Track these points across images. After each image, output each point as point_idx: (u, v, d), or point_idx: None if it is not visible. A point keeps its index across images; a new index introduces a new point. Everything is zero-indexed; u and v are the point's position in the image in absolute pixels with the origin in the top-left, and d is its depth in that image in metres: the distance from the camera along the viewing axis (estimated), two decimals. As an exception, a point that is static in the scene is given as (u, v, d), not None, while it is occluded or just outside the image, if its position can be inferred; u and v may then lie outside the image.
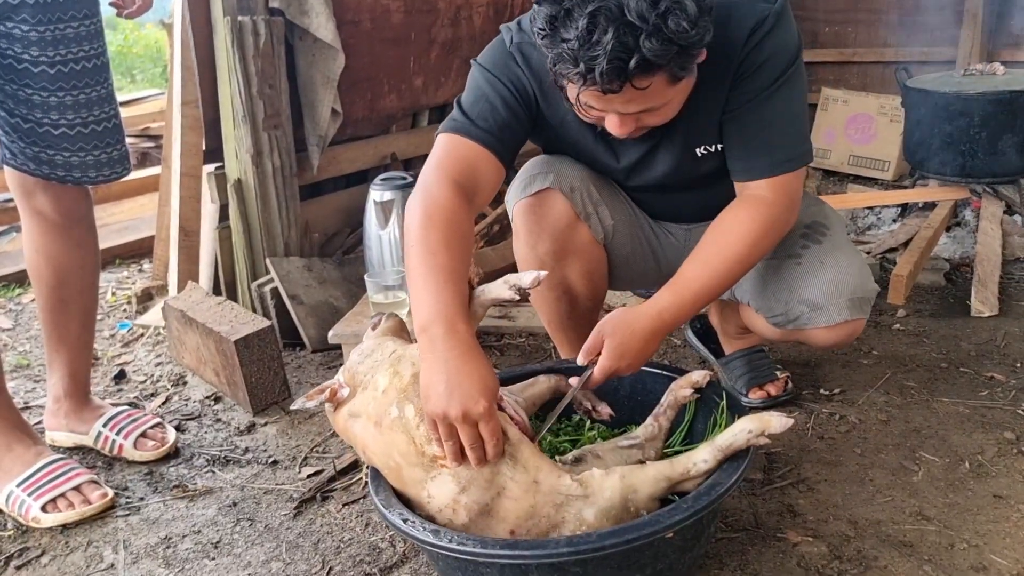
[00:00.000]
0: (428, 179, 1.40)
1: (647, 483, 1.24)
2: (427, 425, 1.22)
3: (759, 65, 1.41)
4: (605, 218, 1.65)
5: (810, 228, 1.64)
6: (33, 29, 1.55)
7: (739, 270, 1.46)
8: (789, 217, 1.50)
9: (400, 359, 1.30)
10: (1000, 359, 2.05)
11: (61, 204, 1.74)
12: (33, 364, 2.43)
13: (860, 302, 1.58)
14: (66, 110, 1.62)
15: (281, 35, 2.36)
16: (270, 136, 2.36)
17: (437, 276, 1.27)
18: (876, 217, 3.17)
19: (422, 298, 1.27)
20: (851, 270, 1.58)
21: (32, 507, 1.63)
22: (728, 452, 1.24)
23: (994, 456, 1.65)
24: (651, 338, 1.41)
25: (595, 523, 1.21)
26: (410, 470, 1.25)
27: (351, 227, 2.74)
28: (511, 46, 1.50)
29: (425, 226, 1.33)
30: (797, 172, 1.48)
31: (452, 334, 1.22)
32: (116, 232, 3.48)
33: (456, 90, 3.08)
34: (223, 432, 1.97)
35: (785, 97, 1.44)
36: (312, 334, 2.34)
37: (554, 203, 1.60)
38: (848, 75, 4.33)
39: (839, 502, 1.54)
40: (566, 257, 1.65)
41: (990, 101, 2.75)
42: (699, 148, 1.54)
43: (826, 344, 1.63)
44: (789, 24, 1.43)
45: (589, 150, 1.59)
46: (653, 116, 1.35)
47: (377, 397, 1.28)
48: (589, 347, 1.39)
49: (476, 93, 1.49)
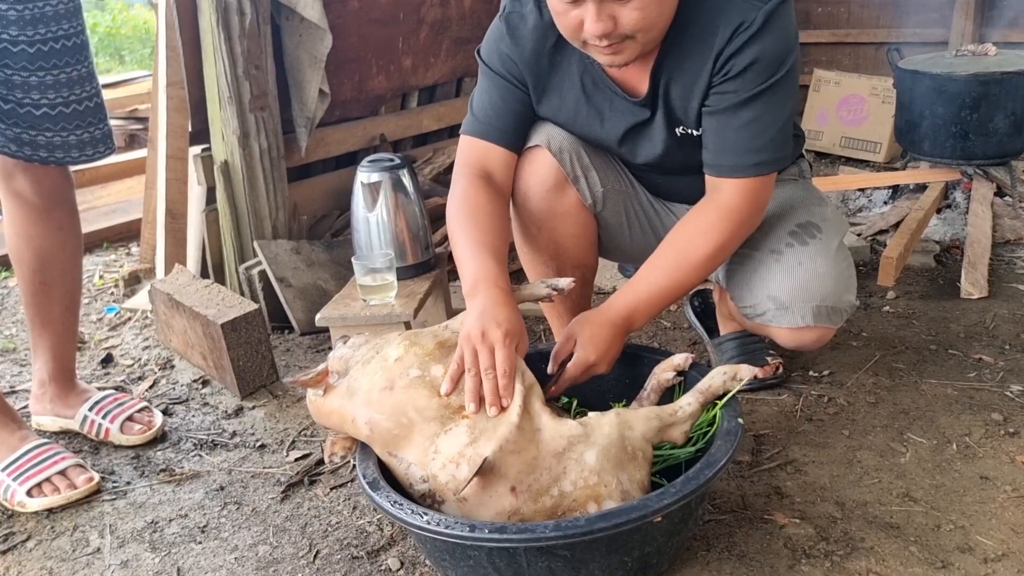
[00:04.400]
0: (455, 181, 1.56)
1: (640, 419, 1.30)
2: (457, 353, 1.31)
3: (743, 68, 1.40)
4: (594, 184, 1.65)
5: (801, 227, 1.61)
6: (11, 8, 1.52)
7: (700, 276, 1.51)
8: (753, 223, 1.53)
9: (417, 335, 1.38)
10: (989, 341, 2.06)
11: (42, 186, 1.72)
12: (19, 348, 2.41)
13: (828, 312, 1.57)
14: (47, 89, 1.59)
15: (267, 15, 2.33)
16: (257, 117, 2.34)
17: (474, 247, 1.44)
18: (867, 199, 3.16)
19: (466, 269, 1.43)
20: (827, 278, 1.55)
21: (17, 492, 1.62)
22: (707, 394, 1.35)
23: (981, 438, 1.65)
24: (616, 331, 1.47)
25: (596, 465, 1.22)
26: (425, 424, 1.27)
27: (340, 209, 2.72)
28: (501, 18, 1.56)
29: (457, 215, 1.50)
30: (767, 178, 1.48)
31: (494, 288, 1.37)
32: (103, 215, 3.45)
33: (445, 71, 3.08)
34: (210, 416, 1.96)
35: (767, 102, 1.43)
36: (300, 317, 2.32)
37: (542, 162, 1.61)
38: (840, 56, 4.31)
39: (826, 484, 1.54)
40: (554, 218, 1.66)
41: (981, 82, 2.74)
42: (678, 128, 1.54)
43: (790, 345, 1.64)
44: (782, 27, 1.40)
45: (583, 120, 1.59)
46: (628, 10, 1.32)
47: (387, 366, 1.32)
48: (559, 350, 1.47)
49: (480, 87, 1.61)
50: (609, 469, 1.23)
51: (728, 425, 1.31)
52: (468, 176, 1.55)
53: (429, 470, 1.25)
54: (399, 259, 2.05)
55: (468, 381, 1.29)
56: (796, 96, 1.50)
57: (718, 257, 1.51)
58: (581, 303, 1.82)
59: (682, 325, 2.25)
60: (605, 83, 1.53)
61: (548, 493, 1.22)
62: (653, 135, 1.56)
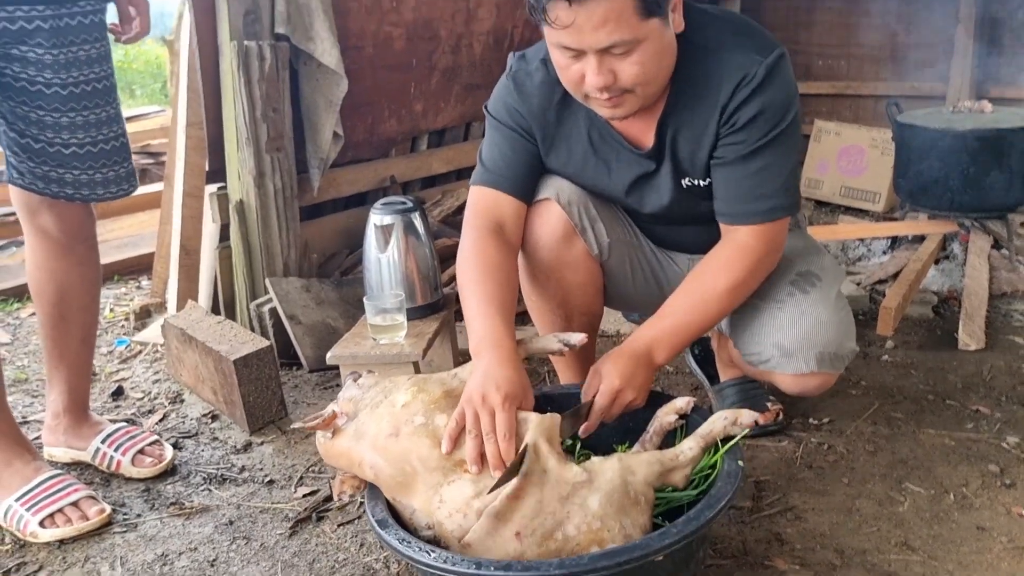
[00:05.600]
0: (465, 233, 1.60)
1: (642, 464, 1.32)
2: (456, 411, 1.33)
3: (749, 120, 1.46)
4: (601, 234, 1.70)
5: (801, 276, 1.66)
6: (47, 52, 1.59)
7: (720, 311, 1.54)
8: (771, 262, 1.57)
9: (426, 380, 1.42)
10: (986, 392, 2.09)
11: (65, 222, 1.77)
12: (31, 379, 2.45)
13: (832, 358, 1.61)
14: (76, 130, 1.66)
15: (286, 60, 2.41)
16: (272, 158, 2.40)
17: (482, 305, 1.47)
18: (867, 248, 3.22)
19: (473, 326, 1.46)
20: (829, 325, 1.61)
21: (30, 522, 1.65)
22: (708, 439, 1.37)
23: (978, 488, 1.68)
24: (639, 360, 1.49)
25: (599, 510, 1.24)
26: (428, 474, 1.29)
27: (349, 248, 2.78)
28: (508, 76, 1.62)
29: (468, 269, 1.54)
30: (780, 222, 1.54)
31: (498, 347, 1.40)
32: (115, 248, 3.50)
33: (455, 115, 3.16)
34: (220, 450, 1.99)
35: (774, 151, 1.49)
36: (309, 354, 2.36)
37: (552, 213, 1.66)
38: (841, 107, 4.41)
39: (826, 531, 1.57)
40: (562, 267, 1.70)
41: (978, 138, 2.80)
42: (685, 180, 1.59)
43: (793, 391, 1.68)
44: (782, 79, 1.46)
45: (591, 171, 1.64)
46: (628, 64, 1.37)
47: (395, 412, 1.35)
48: (587, 388, 1.49)
49: (489, 140, 1.66)
50: (612, 514, 1.25)
51: (729, 468, 1.34)
52: (479, 228, 1.58)
53: (434, 518, 1.28)
54: (409, 300, 2.09)
55: (469, 442, 1.30)
56: (799, 144, 1.57)
57: (736, 293, 1.54)
58: (587, 348, 1.86)
59: (684, 371, 2.29)
60: (612, 136, 1.59)
61: (552, 537, 1.24)
62: (659, 186, 1.62)
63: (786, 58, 1.48)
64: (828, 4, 4.42)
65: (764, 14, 4.55)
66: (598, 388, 1.46)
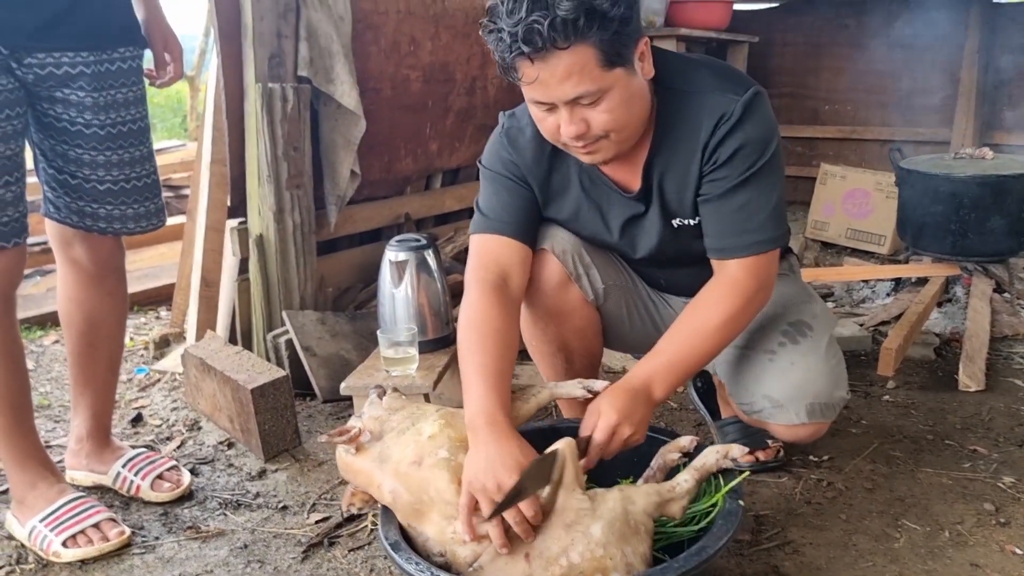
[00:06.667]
0: (468, 288, 1.61)
1: (641, 495, 1.37)
2: (464, 499, 1.34)
3: (729, 156, 1.51)
4: (595, 280, 1.76)
5: (792, 326, 1.70)
6: (88, 95, 1.69)
7: (715, 345, 1.56)
8: (763, 296, 1.59)
9: (453, 416, 1.48)
10: (984, 433, 2.14)
11: (96, 254, 1.85)
12: (53, 405, 2.52)
13: (822, 408, 1.65)
14: (111, 167, 1.75)
15: (307, 101, 2.51)
16: (292, 195, 2.49)
17: (477, 375, 1.48)
18: (871, 290, 3.28)
19: (467, 397, 1.47)
20: (819, 375, 1.64)
21: (53, 542, 1.71)
22: (702, 471, 1.43)
23: (973, 526, 1.72)
24: (636, 395, 1.49)
25: (602, 538, 1.29)
26: (444, 506, 1.35)
27: (364, 282, 2.86)
28: (501, 133, 1.68)
29: (466, 333, 1.55)
30: (770, 254, 1.57)
31: (492, 425, 1.41)
32: (135, 279, 3.58)
33: (469, 155, 3.25)
34: (235, 477, 2.05)
35: (757, 185, 1.53)
36: (324, 385, 2.43)
37: (547, 264, 1.72)
38: (846, 151, 4.50)
39: (823, 565, 1.61)
40: (559, 315, 1.76)
41: (979, 184, 2.88)
42: (675, 220, 1.64)
43: (786, 439, 1.72)
44: (760, 115, 1.52)
45: (585, 216, 1.69)
46: (598, 113, 1.42)
47: (420, 440, 1.41)
48: (585, 425, 1.49)
49: (485, 191, 1.70)
50: (614, 542, 1.31)
51: (729, 506, 1.39)
52: (482, 285, 1.59)
53: (447, 547, 1.34)
54: (421, 333, 2.16)
55: (492, 529, 1.31)
56: (783, 178, 1.60)
57: (729, 328, 1.55)
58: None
59: (687, 407, 2.34)
60: (601, 180, 1.64)
61: (558, 563, 1.30)
62: (648, 228, 1.67)
63: (763, 96, 1.54)
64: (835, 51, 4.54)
65: (772, 60, 4.66)
66: (596, 424, 1.47)
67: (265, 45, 2.41)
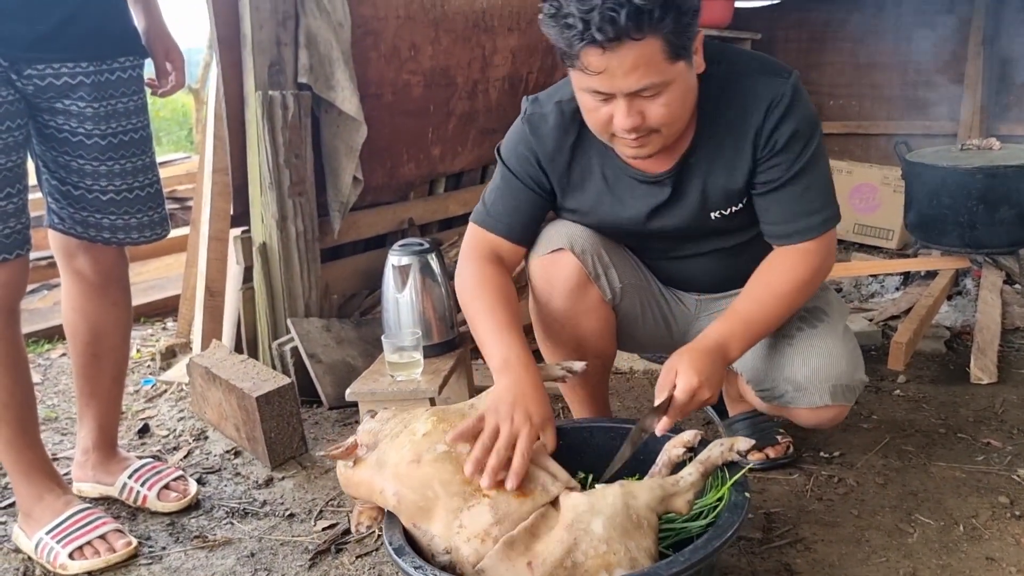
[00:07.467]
0: (463, 264, 1.67)
1: (643, 489, 1.36)
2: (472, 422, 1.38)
3: (787, 141, 1.52)
4: (614, 280, 1.74)
5: (809, 312, 1.71)
6: (89, 105, 1.69)
7: (787, 309, 1.59)
8: (829, 265, 1.64)
9: (445, 411, 1.47)
10: (997, 425, 2.11)
11: (100, 265, 1.85)
12: (60, 417, 2.52)
13: (844, 390, 1.65)
14: (114, 177, 1.75)
15: (308, 108, 2.50)
16: (295, 202, 2.49)
17: (500, 327, 1.53)
18: (880, 285, 3.25)
19: (495, 346, 1.52)
20: (840, 358, 1.65)
21: (60, 554, 1.71)
22: (707, 465, 1.41)
23: (988, 520, 1.70)
24: (714, 357, 1.50)
25: (604, 534, 1.28)
26: (448, 499, 1.34)
27: (368, 289, 2.85)
28: (523, 120, 1.66)
29: (475, 294, 1.60)
30: (833, 230, 1.61)
31: (528, 370, 1.47)
32: (141, 291, 3.59)
33: (472, 159, 3.24)
34: (242, 485, 2.04)
35: (815, 166, 1.55)
36: (329, 392, 2.42)
37: (566, 263, 1.70)
38: (852, 146, 4.46)
39: (835, 562, 1.59)
40: (577, 315, 1.74)
41: (986, 175, 2.85)
42: (713, 213, 1.64)
43: (808, 424, 1.71)
44: (805, 96, 1.54)
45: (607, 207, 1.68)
46: (656, 106, 1.41)
47: (416, 440, 1.40)
48: (662, 382, 1.50)
49: (495, 184, 1.72)
50: (616, 538, 1.29)
51: (735, 499, 1.38)
52: (478, 258, 1.65)
53: (452, 543, 1.32)
54: (425, 338, 2.15)
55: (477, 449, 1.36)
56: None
57: (802, 292, 1.59)
58: (600, 389, 1.91)
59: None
60: (624, 171, 1.63)
61: (562, 565, 1.28)
62: (674, 216, 1.66)
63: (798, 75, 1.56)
64: (839, 45, 4.51)
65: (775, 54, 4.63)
66: (673, 385, 1.47)
67: (265, 53, 2.41)
